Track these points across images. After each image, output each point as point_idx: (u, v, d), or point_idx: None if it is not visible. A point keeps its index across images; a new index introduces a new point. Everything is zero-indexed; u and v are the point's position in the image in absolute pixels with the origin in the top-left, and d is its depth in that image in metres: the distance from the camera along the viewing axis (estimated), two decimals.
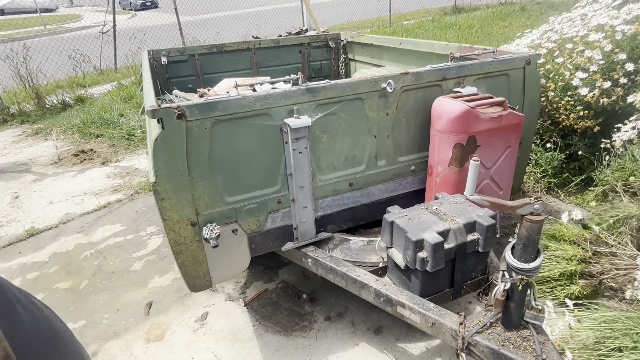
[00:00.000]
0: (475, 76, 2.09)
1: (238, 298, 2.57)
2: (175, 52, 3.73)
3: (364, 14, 16.70)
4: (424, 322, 1.59)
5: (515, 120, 1.93)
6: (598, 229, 2.03)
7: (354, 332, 2.25)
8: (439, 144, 1.95)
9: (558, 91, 2.97)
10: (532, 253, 1.29)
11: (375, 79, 1.87)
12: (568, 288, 2.17)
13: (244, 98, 1.64)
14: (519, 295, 1.36)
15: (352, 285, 1.82)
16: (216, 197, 1.74)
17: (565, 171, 3.21)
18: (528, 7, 14.04)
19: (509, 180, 2.13)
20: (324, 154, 1.92)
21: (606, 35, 2.75)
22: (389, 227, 1.73)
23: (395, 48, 3.43)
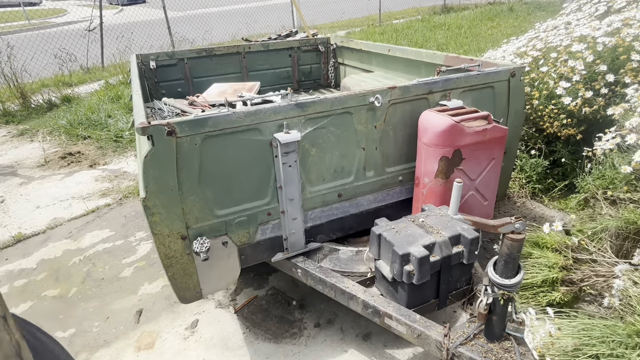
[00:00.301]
0: (461, 89, 2.14)
1: (228, 305, 2.59)
2: (164, 56, 3.71)
3: (354, 12, 16.72)
4: (410, 333, 1.63)
5: (500, 133, 1.99)
6: (577, 240, 2.10)
7: (343, 338, 2.29)
8: (426, 157, 1.99)
9: (542, 99, 3.04)
10: (513, 269, 1.34)
11: (363, 94, 1.90)
12: (550, 295, 2.24)
13: (233, 114, 1.66)
14: (500, 309, 1.42)
15: (340, 296, 1.86)
16: (206, 211, 1.76)
17: (549, 177, 3.29)
18: (516, 7, 14.21)
19: (493, 191, 2.18)
20: (314, 167, 1.94)
21: (588, 46, 2.82)
22: (377, 239, 1.77)
23: (384, 55, 3.47)
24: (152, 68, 3.66)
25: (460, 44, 9.11)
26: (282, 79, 4.35)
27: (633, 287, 1.84)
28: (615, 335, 1.74)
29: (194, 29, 10.93)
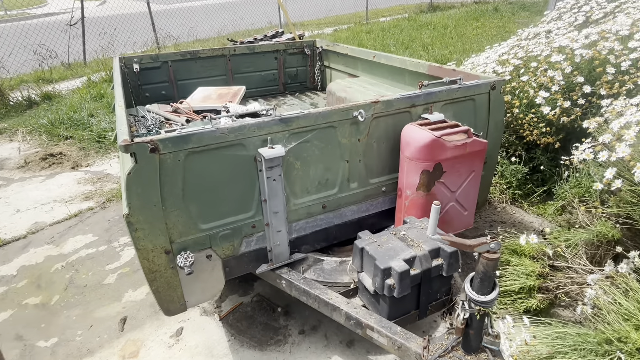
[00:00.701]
0: (442, 102, 2.18)
1: (213, 312, 2.61)
2: (148, 59, 3.67)
3: (341, 8, 16.68)
4: (391, 345, 1.68)
5: (479, 147, 2.04)
6: (552, 251, 2.17)
7: (327, 345, 2.33)
8: (408, 170, 2.03)
9: (523, 108, 3.11)
10: (489, 286, 1.39)
11: (347, 108, 1.92)
12: (527, 301, 2.32)
13: (217, 130, 1.66)
14: (477, 324, 1.47)
15: (324, 307, 1.90)
16: (190, 225, 1.77)
17: (529, 183, 3.38)
18: (501, 7, 14.39)
19: (473, 201, 2.24)
20: (298, 180, 1.97)
21: (567, 57, 2.90)
22: (360, 253, 1.81)
23: (369, 60, 3.50)
24: (135, 71, 3.61)
25: (445, 44, 9.20)
26: (267, 82, 4.34)
27: (603, 296, 1.92)
28: (586, 343, 1.82)
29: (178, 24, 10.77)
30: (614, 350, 1.72)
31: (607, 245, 2.15)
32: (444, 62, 7.62)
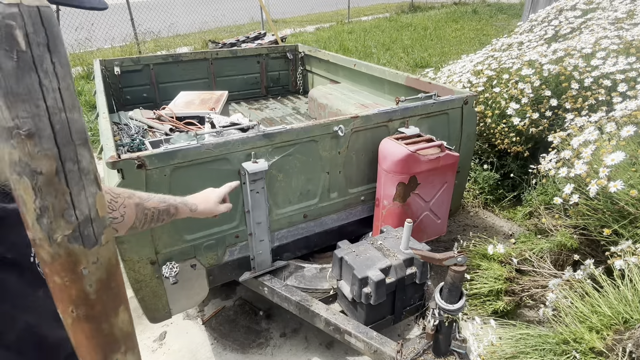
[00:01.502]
0: (418, 116, 2.30)
1: (196, 316, 2.67)
2: (129, 61, 3.66)
3: (324, 6, 16.71)
4: (367, 349, 1.79)
5: (452, 160, 2.16)
6: (516, 260, 2.32)
7: (307, 347, 2.43)
8: (385, 181, 2.14)
9: (495, 118, 3.27)
10: (457, 296, 1.51)
11: (327, 123, 2.01)
12: (495, 304, 2.47)
13: (202, 146, 1.72)
14: (446, 329, 1.59)
15: (305, 313, 1.99)
16: (175, 237, 1.83)
17: (500, 188, 3.56)
18: (479, 9, 14.72)
19: (446, 210, 2.37)
20: (280, 191, 2.05)
21: (536, 71, 3.06)
22: (339, 262, 1.91)
23: (350, 68, 3.59)
24: (116, 74, 3.60)
25: (425, 46, 9.38)
26: (250, 85, 4.38)
27: (563, 300, 2.09)
28: (546, 344, 1.97)
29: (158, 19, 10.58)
30: (570, 350, 1.87)
31: (567, 252, 2.31)
32: (423, 65, 7.79)
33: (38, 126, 0.27)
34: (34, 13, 0.24)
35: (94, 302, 0.34)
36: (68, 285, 0.32)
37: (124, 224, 0.99)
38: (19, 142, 0.26)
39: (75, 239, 0.30)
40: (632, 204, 1.80)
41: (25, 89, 0.26)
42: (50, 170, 0.28)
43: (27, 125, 0.26)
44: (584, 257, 2.12)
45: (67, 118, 0.28)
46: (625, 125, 1.95)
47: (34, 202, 0.28)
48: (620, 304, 1.79)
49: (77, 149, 0.29)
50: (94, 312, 0.34)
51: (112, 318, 0.37)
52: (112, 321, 0.37)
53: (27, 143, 0.27)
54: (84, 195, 0.30)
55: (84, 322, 0.34)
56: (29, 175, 0.27)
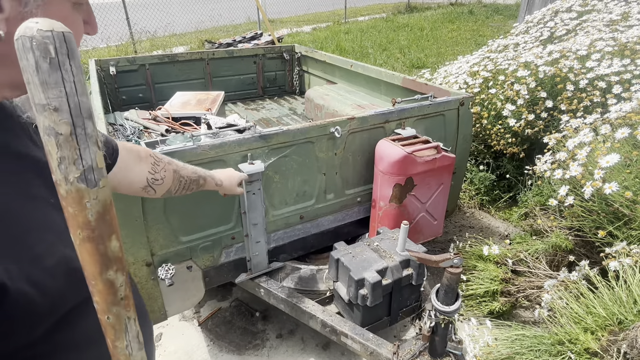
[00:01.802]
0: (414, 117, 2.30)
1: (192, 318, 2.66)
2: (125, 61, 3.64)
3: (320, 6, 16.70)
4: (363, 351, 1.79)
5: (448, 161, 2.17)
6: (512, 261, 2.33)
7: (303, 348, 2.43)
8: (381, 182, 2.14)
9: (491, 119, 3.28)
10: (452, 298, 1.52)
11: (324, 125, 2.01)
12: (491, 304, 2.48)
13: (198, 147, 1.72)
14: (442, 331, 1.60)
15: (301, 315, 1.99)
16: (171, 238, 1.82)
17: (496, 189, 3.57)
18: (475, 10, 14.77)
19: (442, 211, 2.37)
20: (277, 192, 2.04)
21: (531, 72, 3.07)
22: (335, 263, 1.91)
23: (346, 69, 3.59)
24: (111, 74, 3.58)
25: (421, 47, 9.40)
26: (246, 85, 4.37)
27: (558, 300, 2.10)
28: (542, 345, 1.98)
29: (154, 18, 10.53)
30: (565, 351, 1.88)
31: (562, 253, 2.33)
32: (420, 66, 7.81)
33: (60, 104, 0.42)
34: (60, 35, 0.41)
35: (94, 228, 0.48)
36: (76, 213, 0.47)
37: (163, 186, 1.12)
38: (48, 114, 0.42)
39: (81, 180, 0.45)
40: (627, 205, 1.81)
41: (54, 81, 0.41)
42: (67, 132, 0.43)
43: (54, 103, 0.42)
44: (579, 259, 2.13)
45: (79, 100, 0.43)
46: (619, 127, 1.96)
47: (57, 154, 0.43)
48: (615, 305, 1.80)
49: (84, 120, 0.44)
50: (94, 235, 0.48)
51: (107, 242, 0.50)
52: (107, 244, 0.50)
53: (53, 114, 0.42)
54: (88, 151, 0.45)
55: (87, 242, 0.48)
56: (54, 136, 0.43)
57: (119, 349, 0.56)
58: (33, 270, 0.57)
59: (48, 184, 0.60)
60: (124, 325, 0.55)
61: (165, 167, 1.14)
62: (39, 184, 0.64)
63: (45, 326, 0.61)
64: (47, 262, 0.60)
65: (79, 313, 0.67)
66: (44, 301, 0.58)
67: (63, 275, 0.62)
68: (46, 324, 0.62)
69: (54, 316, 0.63)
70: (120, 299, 0.53)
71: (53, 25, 0.40)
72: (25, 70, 0.40)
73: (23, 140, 0.66)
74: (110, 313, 0.53)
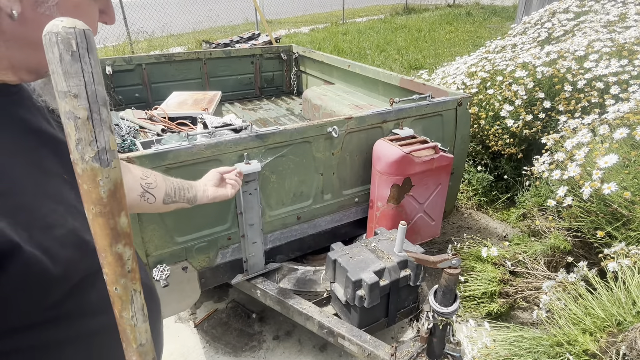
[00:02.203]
0: (412, 118, 2.29)
1: (188, 319, 2.63)
2: (121, 61, 3.61)
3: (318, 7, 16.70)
4: (361, 353, 1.77)
5: (446, 161, 2.15)
6: (510, 263, 2.32)
7: (300, 350, 2.41)
8: (379, 183, 2.13)
9: (489, 119, 3.28)
10: (451, 299, 1.50)
11: (321, 124, 1.99)
12: (489, 306, 2.47)
13: (194, 146, 1.70)
14: (440, 332, 1.58)
15: (298, 316, 1.97)
16: (166, 239, 1.80)
17: (494, 190, 3.56)
18: (473, 11, 14.81)
19: (440, 212, 2.36)
20: (273, 192, 2.03)
21: (529, 73, 3.07)
22: (332, 264, 1.89)
23: (344, 69, 3.58)
24: (108, 73, 3.55)
25: (419, 48, 9.41)
26: (244, 86, 4.35)
27: (556, 302, 2.08)
28: (540, 346, 1.97)
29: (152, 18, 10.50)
30: (564, 353, 1.87)
31: (560, 254, 2.32)
32: (418, 67, 7.81)
33: (79, 91, 0.46)
34: (81, 32, 0.46)
35: (106, 204, 0.52)
36: (90, 190, 0.51)
37: (159, 190, 1.13)
38: (69, 100, 0.47)
39: (96, 160, 0.49)
40: (625, 206, 1.80)
41: (74, 71, 0.46)
42: (84, 116, 0.48)
43: (74, 90, 0.46)
44: (577, 260, 2.12)
45: (95, 89, 0.48)
46: (618, 127, 1.95)
47: (75, 135, 0.48)
48: (614, 306, 1.79)
49: (100, 107, 0.49)
50: (105, 210, 0.53)
51: (117, 217, 0.54)
52: (117, 220, 0.54)
53: (73, 100, 0.47)
54: (102, 134, 0.49)
55: (99, 217, 0.53)
56: (73, 119, 0.47)
57: (124, 319, 0.60)
58: (45, 238, 0.61)
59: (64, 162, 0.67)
60: (130, 296, 0.59)
61: (152, 172, 1.16)
62: (53, 160, 0.69)
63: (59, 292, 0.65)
64: (57, 232, 0.63)
65: (91, 283, 0.70)
66: (56, 268, 0.62)
67: (73, 246, 0.65)
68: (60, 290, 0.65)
69: (67, 283, 0.66)
70: (128, 271, 0.57)
71: (75, 24, 0.46)
72: (51, 62, 0.45)
73: (40, 119, 0.71)
74: (118, 284, 0.57)
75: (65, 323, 0.68)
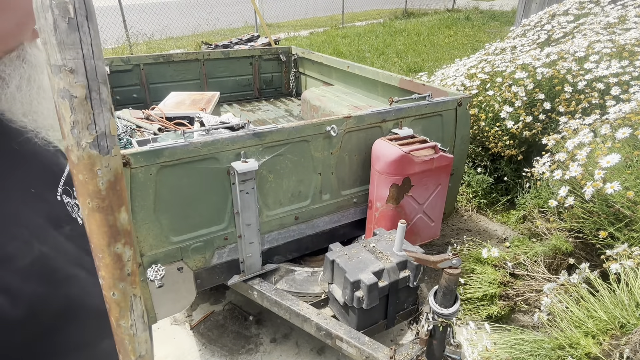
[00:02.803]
0: (412, 117, 2.27)
1: (184, 322, 2.59)
2: (119, 61, 3.59)
3: (318, 11, 16.75)
4: (359, 355, 1.74)
5: (445, 161, 2.13)
6: (511, 264, 2.29)
7: (298, 353, 2.37)
8: (378, 183, 2.10)
9: (489, 121, 3.26)
10: (451, 300, 1.47)
11: (320, 123, 1.97)
12: (489, 308, 2.43)
13: (190, 144, 1.67)
14: (440, 334, 1.55)
15: (295, 318, 1.94)
16: (161, 238, 1.76)
17: (493, 192, 3.54)
18: (472, 16, 14.85)
19: (439, 213, 2.33)
20: (271, 192, 1.99)
21: (529, 74, 3.05)
22: (331, 265, 1.86)
23: (343, 70, 3.56)
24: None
25: (418, 52, 9.42)
26: (242, 87, 4.33)
27: (558, 304, 2.05)
28: (541, 349, 1.93)
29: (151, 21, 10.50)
30: (565, 356, 1.84)
31: (562, 256, 2.29)
32: (417, 70, 7.81)
33: (77, 66, 0.40)
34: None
35: (104, 197, 0.46)
36: (87, 181, 0.45)
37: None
38: (64, 75, 0.40)
39: (94, 146, 0.43)
40: (628, 206, 1.77)
41: (71, 42, 0.39)
42: (82, 95, 0.41)
43: (70, 65, 0.40)
44: (579, 261, 2.09)
45: (95, 64, 0.41)
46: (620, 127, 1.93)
47: (70, 117, 0.41)
48: (617, 308, 1.76)
49: (100, 85, 0.42)
50: (104, 204, 0.46)
51: (116, 213, 0.48)
52: (116, 215, 0.48)
53: (69, 76, 0.41)
54: (102, 117, 0.43)
55: (97, 212, 0.46)
56: (68, 98, 0.41)
57: (123, 327, 0.54)
58: (2, 274, 0.51)
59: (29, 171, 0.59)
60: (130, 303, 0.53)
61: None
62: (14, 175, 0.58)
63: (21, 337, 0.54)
64: (19, 264, 0.53)
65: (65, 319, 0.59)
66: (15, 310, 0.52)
67: (38, 278, 0.55)
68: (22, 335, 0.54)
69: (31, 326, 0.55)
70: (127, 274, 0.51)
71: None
72: (43, 30, 0.39)
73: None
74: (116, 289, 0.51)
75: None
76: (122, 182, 0.48)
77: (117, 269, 0.50)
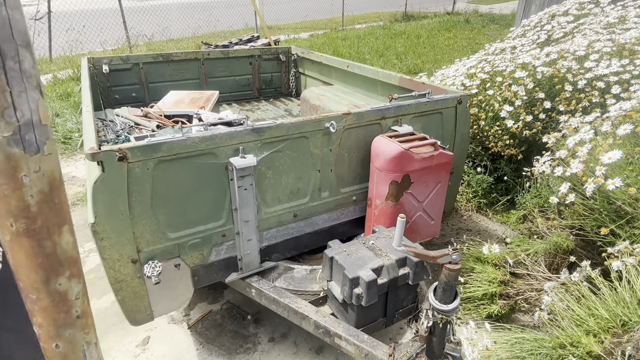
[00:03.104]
0: (411, 115, 2.25)
1: (182, 321, 2.57)
2: (118, 60, 3.58)
3: (318, 13, 16.78)
4: (358, 353, 1.72)
5: (445, 159, 2.11)
6: (512, 261, 2.27)
7: (296, 352, 2.35)
8: (377, 180, 2.08)
9: (489, 120, 3.24)
10: (451, 296, 1.45)
11: (319, 119, 1.95)
12: (489, 307, 2.41)
13: (188, 139, 1.66)
14: (440, 331, 1.52)
15: (293, 316, 1.91)
16: (159, 234, 1.75)
17: (493, 192, 3.52)
18: (471, 19, 14.89)
19: (439, 211, 2.32)
20: (270, 189, 1.98)
21: (529, 74, 3.04)
22: (329, 262, 1.84)
23: (343, 69, 3.55)
24: (104, 72, 3.52)
25: (418, 54, 9.43)
26: (242, 87, 4.33)
27: (559, 303, 2.03)
28: (542, 348, 1.91)
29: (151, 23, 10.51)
30: (567, 355, 1.81)
31: (562, 254, 2.27)
32: (417, 71, 7.81)
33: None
34: None
35: (36, 215, 0.31)
36: (7, 194, 0.29)
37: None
38: None
39: (15, 142, 0.28)
40: (629, 203, 1.76)
41: None
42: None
43: None
44: (579, 259, 2.07)
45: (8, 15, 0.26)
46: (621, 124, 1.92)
47: None
48: (618, 306, 1.74)
49: (19, 49, 0.28)
50: (35, 226, 0.31)
51: (55, 236, 0.33)
52: (55, 239, 0.33)
53: None
54: (26, 98, 0.28)
55: (24, 237, 0.31)
56: None
57: None
58: None
59: None
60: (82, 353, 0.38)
61: None
62: None
63: None
64: None
65: None
66: None
67: None
68: None
69: None
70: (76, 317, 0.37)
71: None
72: None
73: None
74: (60, 339, 0.36)
75: None
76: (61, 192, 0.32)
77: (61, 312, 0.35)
